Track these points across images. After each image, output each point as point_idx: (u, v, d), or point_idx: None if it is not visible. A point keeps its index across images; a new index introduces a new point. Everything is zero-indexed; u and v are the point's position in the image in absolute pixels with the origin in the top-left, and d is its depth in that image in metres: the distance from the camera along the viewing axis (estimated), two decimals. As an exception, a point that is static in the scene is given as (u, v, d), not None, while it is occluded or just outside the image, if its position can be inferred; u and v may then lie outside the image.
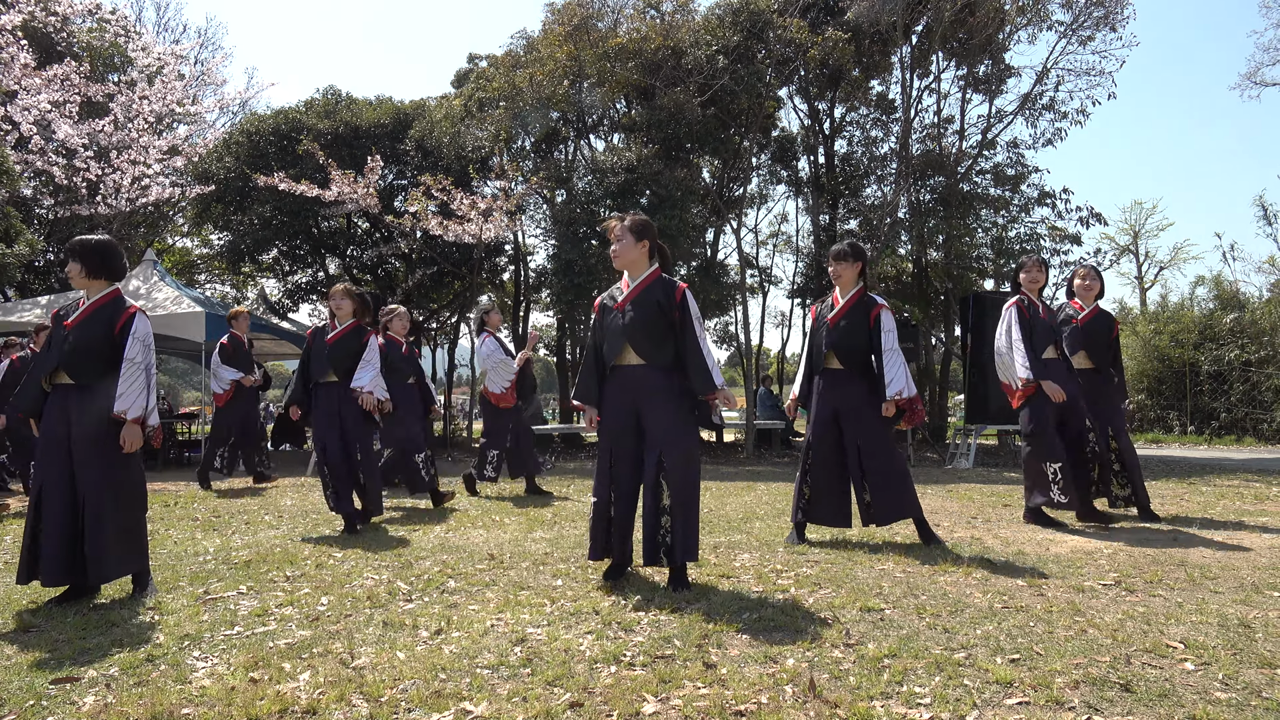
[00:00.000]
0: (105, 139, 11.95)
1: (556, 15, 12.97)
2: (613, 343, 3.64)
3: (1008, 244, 13.72)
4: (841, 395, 4.52)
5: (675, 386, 3.56)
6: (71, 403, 3.44)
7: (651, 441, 3.52)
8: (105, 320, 3.50)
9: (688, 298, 3.60)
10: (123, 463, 3.46)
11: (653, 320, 3.56)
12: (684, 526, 3.46)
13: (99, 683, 2.46)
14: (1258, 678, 2.37)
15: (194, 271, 20.57)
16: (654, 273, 3.69)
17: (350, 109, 15.39)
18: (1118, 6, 12.41)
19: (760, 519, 5.64)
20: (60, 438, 3.41)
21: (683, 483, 3.47)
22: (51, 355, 3.51)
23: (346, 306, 5.44)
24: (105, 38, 14.41)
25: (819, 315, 4.70)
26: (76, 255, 3.50)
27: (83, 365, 3.46)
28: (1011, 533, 4.96)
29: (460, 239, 12.39)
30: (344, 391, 5.31)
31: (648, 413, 3.54)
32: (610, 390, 3.67)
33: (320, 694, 2.33)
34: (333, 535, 5.15)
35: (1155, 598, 3.29)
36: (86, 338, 3.47)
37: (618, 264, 3.71)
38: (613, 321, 3.66)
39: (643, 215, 3.79)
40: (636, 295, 3.64)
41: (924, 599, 3.27)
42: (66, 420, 3.42)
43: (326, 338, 5.37)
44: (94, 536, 3.33)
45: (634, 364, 3.59)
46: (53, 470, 3.38)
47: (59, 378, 3.51)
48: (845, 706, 2.19)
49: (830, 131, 15.61)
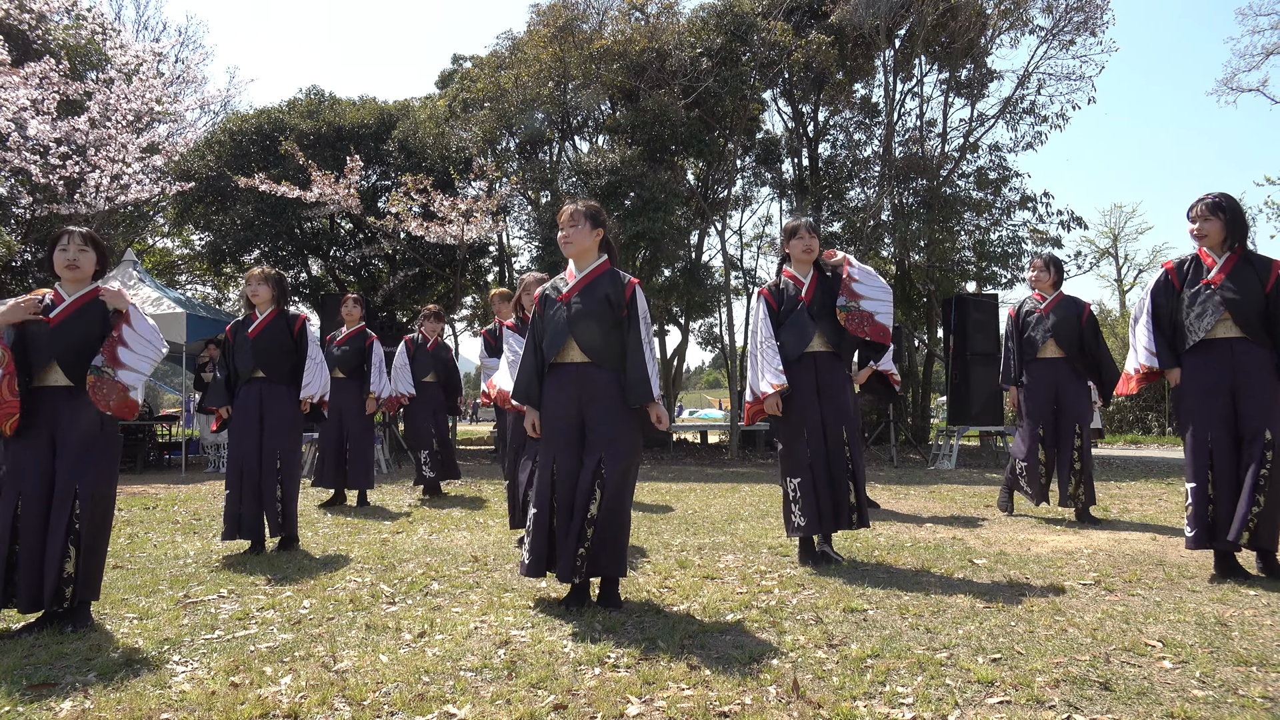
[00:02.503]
0: (83, 137, 11.81)
1: (541, 16, 12.95)
2: (555, 337, 3.34)
3: (990, 247, 13.82)
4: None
5: (621, 390, 3.31)
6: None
7: (592, 446, 3.26)
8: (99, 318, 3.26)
9: (638, 295, 3.36)
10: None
11: (600, 314, 3.30)
12: (614, 540, 3.22)
13: (76, 688, 2.43)
14: (1234, 675, 2.40)
15: (175, 272, 20.34)
16: (603, 264, 3.44)
17: (334, 109, 15.29)
18: (1097, 12, 12.54)
19: (744, 520, 5.65)
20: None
21: (618, 493, 3.22)
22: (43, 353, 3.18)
23: (264, 293, 4.78)
24: (83, 35, 14.22)
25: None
26: (93, 244, 3.27)
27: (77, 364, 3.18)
28: (993, 533, 5.01)
29: (442, 240, 12.34)
30: (269, 390, 4.73)
31: (591, 415, 3.28)
32: (550, 389, 3.37)
33: (302, 698, 2.31)
34: (314, 538, 5.11)
35: (1134, 597, 3.33)
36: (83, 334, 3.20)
37: (569, 252, 3.44)
38: (556, 314, 3.37)
39: (595, 203, 3.55)
40: (584, 287, 3.38)
41: (906, 599, 3.29)
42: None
43: (247, 331, 4.76)
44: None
45: (577, 361, 3.32)
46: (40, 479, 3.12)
47: (47, 377, 3.18)
48: (829, 707, 2.20)
49: (814, 134, 15.68)
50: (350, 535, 5.21)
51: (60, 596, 3.04)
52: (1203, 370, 3.70)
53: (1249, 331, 3.61)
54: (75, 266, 3.23)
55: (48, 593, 3.01)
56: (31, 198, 14.37)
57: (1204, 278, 3.73)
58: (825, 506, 4.00)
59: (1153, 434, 18.48)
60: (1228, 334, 3.65)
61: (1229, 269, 3.68)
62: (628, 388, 3.28)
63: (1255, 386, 3.59)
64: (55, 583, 3.01)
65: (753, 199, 16.97)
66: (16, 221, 15.73)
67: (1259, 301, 3.61)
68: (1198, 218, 3.77)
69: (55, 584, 3.01)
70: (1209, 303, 3.67)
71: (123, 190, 12.33)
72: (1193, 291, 3.75)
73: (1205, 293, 3.69)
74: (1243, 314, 3.61)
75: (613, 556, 3.23)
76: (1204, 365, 3.69)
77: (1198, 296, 3.72)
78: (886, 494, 7.28)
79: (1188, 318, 3.74)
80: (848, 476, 4.03)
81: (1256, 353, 3.62)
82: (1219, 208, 3.72)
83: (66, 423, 3.15)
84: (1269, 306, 3.61)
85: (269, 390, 4.74)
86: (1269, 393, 3.58)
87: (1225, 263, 3.70)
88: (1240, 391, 3.61)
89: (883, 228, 13.62)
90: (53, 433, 3.14)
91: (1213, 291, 3.67)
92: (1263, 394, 3.58)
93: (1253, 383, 3.59)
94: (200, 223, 15.80)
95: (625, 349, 3.31)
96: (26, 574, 3.02)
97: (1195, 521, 3.64)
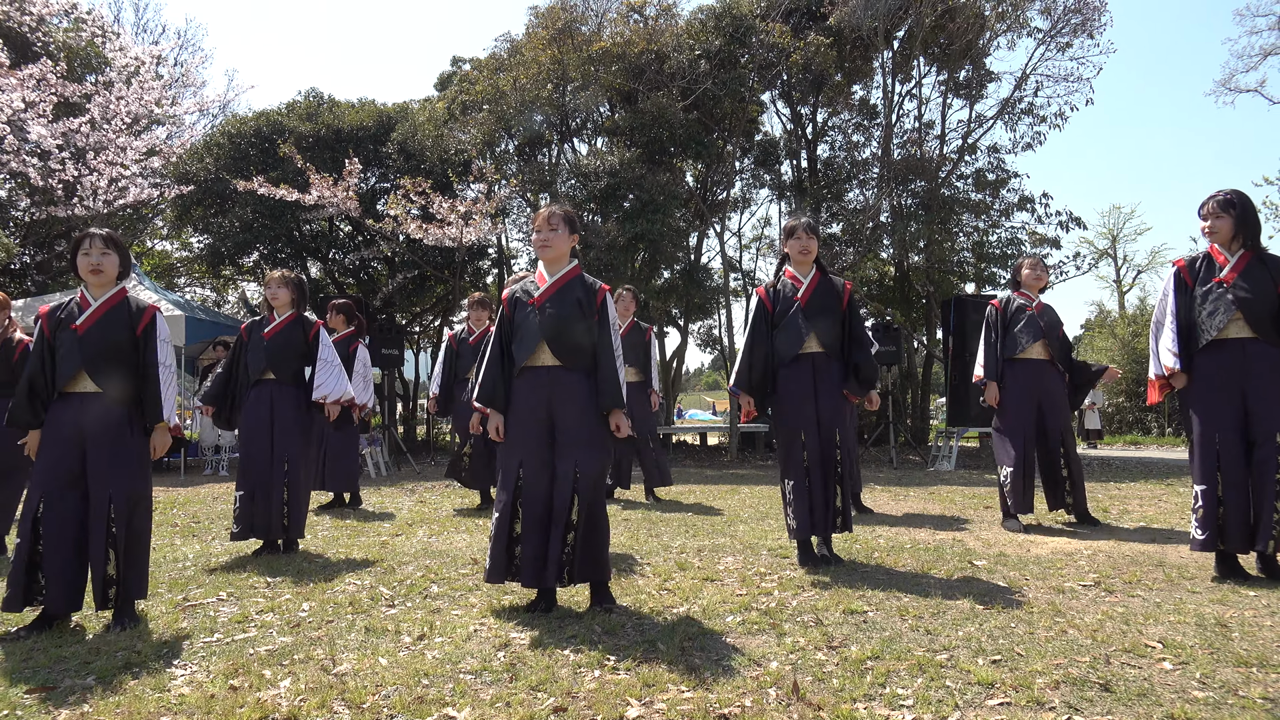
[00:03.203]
0: (82, 140, 11.81)
1: (540, 18, 12.96)
2: (527, 340, 3.31)
3: (989, 248, 13.84)
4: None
5: (593, 393, 3.32)
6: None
7: (564, 449, 3.24)
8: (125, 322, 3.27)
9: (608, 302, 3.38)
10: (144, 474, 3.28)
11: (573, 318, 3.30)
12: (596, 544, 3.24)
13: (75, 692, 2.42)
14: (1234, 676, 2.40)
15: (174, 275, 20.35)
16: (575, 269, 3.44)
17: (332, 111, 15.29)
18: (1095, 14, 12.57)
19: (744, 522, 5.64)
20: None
21: (595, 497, 3.24)
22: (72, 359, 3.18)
23: (283, 295, 4.84)
24: (82, 38, 14.23)
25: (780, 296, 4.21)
26: (115, 246, 3.28)
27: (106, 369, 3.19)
28: (993, 534, 5.00)
29: (440, 242, 12.34)
30: (280, 392, 4.73)
31: (563, 417, 3.27)
32: (520, 394, 3.33)
33: (301, 701, 2.30)
34: (314, 540, 5.10)
35: (1134, 598, 3.33)
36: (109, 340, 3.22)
37: (547, 256, 3.40)
38: (527, 318, 3.34)
39: (570, 208, 3.55)
40: (556, 291, 3.36)
41: (907, 601, 3.29)
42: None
43: (263, 331, 4.79)
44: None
45: (549, 365, 3.30)
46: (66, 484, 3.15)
47: (76, 384, 3.20)
48: (829, 709, 2.20)
49: (812, 136, 15.69)
50: (349, 538, 5.21)
51: (106, 599, 3.14)
52: (1213, 370, 3.66)
53: (1261, 332, 3.58)
54: (100, 270, 3.25)
55: (96, 595, 3.12)
56: (30, 200, 14.37)
57: (1216, 276, 3.68)
58: (818, 509, 3.97)
59: (1152, 435, 18.50)
60: (1240, 334, 3.62)
61: (1241, 268, 3.64)
62: (600, 391, 3.30)
63: (1267, 387, 3.55)
64: (100, 585, 3.12)
65: (751, 200, 17.00)
66: (15, 224, 15.73)
67: (1272, 301, 3.57)
68: (1209, 214, 3.72)
69: (100, 587, 3.12)
70: (1221, 301, 3.63)
71: (121, 193, 12.33)
72: (1205, 290, 3.70)
73: (1217, 291, 3.65)
74: (1255, 314, 3.57)
75: (596, 561, 3.25)
76: (1214, 365, 3.65)
77: (1210, 295, 3.67)
78: (886, 495, 7.28)
79: (1200, 316, 3.70)
80: (835, 480, 3.99)
81: (1269, 353, 3.58)
82: (1230, 204, 3.69)
83: (97, 428, 3.17)
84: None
85: (279, 392, 4.74)
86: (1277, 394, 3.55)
87: (1238, 261, 3.66)
88: (1251, 393, 3.57)
89: (881, 229, 13.63)
90: (82, 438, 3.16)
91: (1225, 290, 3.63)
92: (1274, 395, 3.54)
93: (1264, 384, 3.55)
94: (199, 225, 15.80)
95: (596, 353, 3.32)
96: (55, 576, 3.08)
97: (1205, 524, 3.59)
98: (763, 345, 4.14)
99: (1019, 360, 5.32)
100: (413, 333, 18.76)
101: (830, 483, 3.99)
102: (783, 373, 4.08)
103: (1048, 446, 5.31)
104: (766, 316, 4.17)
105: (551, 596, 3.28)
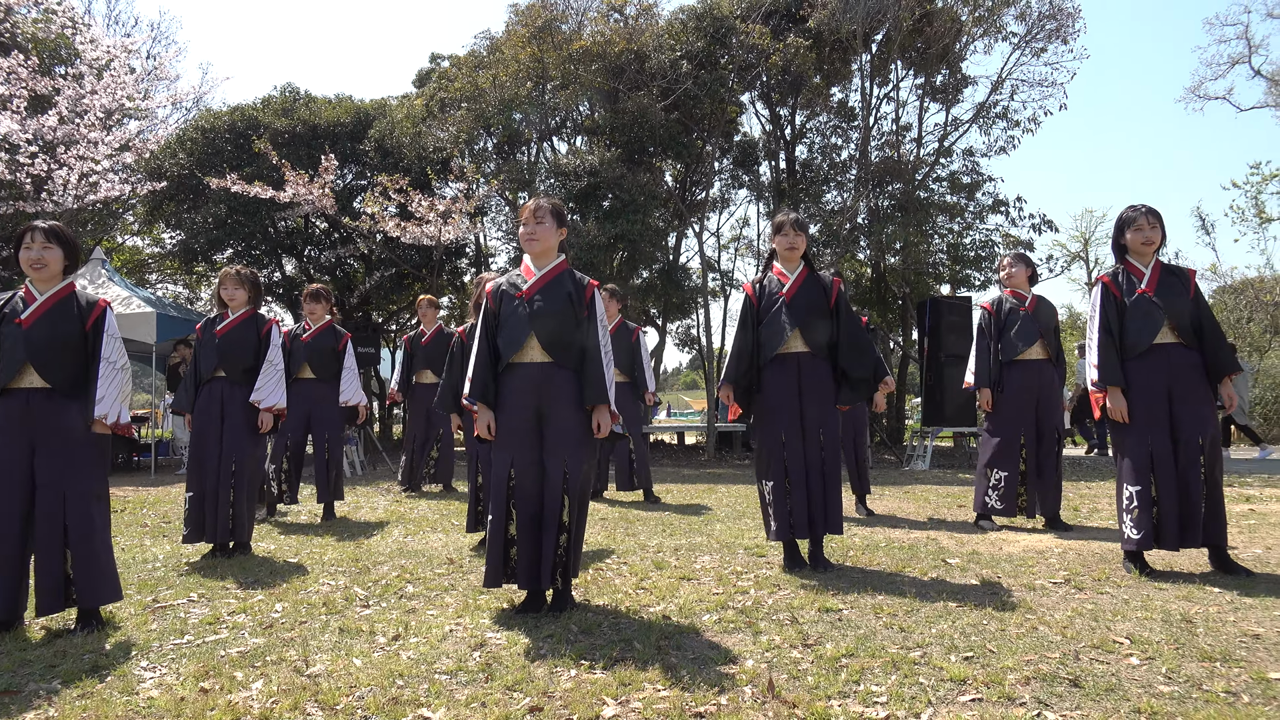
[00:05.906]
0: (51, 134, 11.58)
1: (520, 16, 12.91)
2: (515, 335, 3.25)
3: (963, 250, 13.98)
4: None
5: (580, 390, 3.27)
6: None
7: (553, 447, 3.19)
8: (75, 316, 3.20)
9: (597, 297, 3.34)
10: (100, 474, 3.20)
11: (563, 312, 3.24)
12: (577, 544, 3.25)
13: (41, 695, 2.38)
14: (1199, 671, 2.44)
15: (145, 271, 20.01)
16: (562, 263, 3.39)
17: (309, 107, 15.14)
18: (1070, 20, 12.74)
19: (721, 521, 5.66)
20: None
21: (583, 497, 3.25)
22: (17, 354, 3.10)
23: (240, 296, 4.68)
24: (52, 29, 13.95)
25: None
26: (59, 239, 3.20)
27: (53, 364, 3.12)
28: (966, 533, 5.06)
29: (418, 241, 12.25)
30: (230, 391, 4.60)
31: (552, 414, 3.21)
32: (508, 390, 3.26)
33: (273, 703, 2.28)
34: (287, 541, 5.05)
35: (1103, 595, 3.38)
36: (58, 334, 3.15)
37: (534, 249, 3.34)
38: (515, 311, 3.27)
39: (559, 200, 3.43)
40: (545, 284, 3.30)
41: (881, 599, 3.32)
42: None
43: (215, 329, 4.66)
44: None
45: (538, 361, 3.24)
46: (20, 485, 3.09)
47: (22, 379, 3.11)
48: (803, 706, 2.21)
49: (791, 137, 15.77)
50: (323, 538, 5.16)
51: (67, 598, 3.08)
52: (1143, 376, 3.81)
53: (1183, 337, 3.79)
54: (41, 265, 3.17)
55: (50, 595, 3.04)
56: (-4, 195, 14.06)
57: (1139, 288, 3.87)
58: (798, 512, 3.90)
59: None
60: (1164, 340, 3.81)
61: (1157, 279, 3.86)
62: (587, 387, 3.25)
63: (1190, 391, 3.75)
64: (58, 585, 3.04)
65: (730, 201, 17.05)
66: (-19, 219, 15.39)
67: (1189, 308, 3.80)
68: (1152, 225, 3.86)
69: (58, 586, 3.04)
70: (1150, 310, 3.81)
71: (92, 188, 12.11)
72: (1133, 301, 3.86)
73: (1144, 302, 3.83)
74: (1178, 321, 3.78)
75: (578, 559, 3.30)
76: (1144, 371, 3.81)
77: (1140, 306, 3.84)
78: (862, 495, 7.33)
79: (1130, 327, 3.86)
80: (821, 483, 3.91)
81: (1190, 357, 3.79)
82: (1160, 216, 3.89)
83: (47, 425, 3.09)
84: (1195, 313, 3.81)
85: (229, 392, 4.61)
86: (1202, 396, 3.76)
87: (1153, 273, 3.88)
88: (1176, 396, 3.75)
89: (859, 231, 13.73)
90: (31, 435, 3.08)
91: (1151, 300, 3.82)
92: (1196, 398, 3.75)
93: (1187, 387, 3.76)
94: (171, 221, 15.58)
95: (584, 349, 3.27)
96: (2, 578, 3.01)
97: (1140, 524, 3.73)
98: (748, 342, 4.09)
99: (1017, 363, 5.24)
100: (389, 331, 18.61)
101: (813, 486, 3.90)
102: (766, 372, 4.03)
103: (1043, 448, 5.23)
104: (753, 312, 4.12)
105: (543, 597, 3.25)
